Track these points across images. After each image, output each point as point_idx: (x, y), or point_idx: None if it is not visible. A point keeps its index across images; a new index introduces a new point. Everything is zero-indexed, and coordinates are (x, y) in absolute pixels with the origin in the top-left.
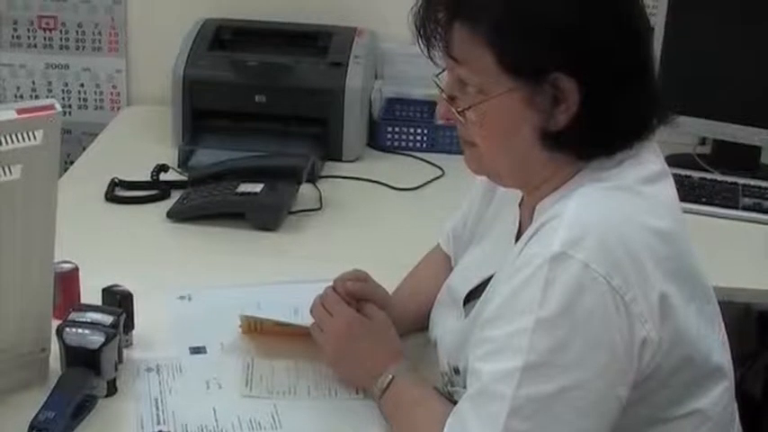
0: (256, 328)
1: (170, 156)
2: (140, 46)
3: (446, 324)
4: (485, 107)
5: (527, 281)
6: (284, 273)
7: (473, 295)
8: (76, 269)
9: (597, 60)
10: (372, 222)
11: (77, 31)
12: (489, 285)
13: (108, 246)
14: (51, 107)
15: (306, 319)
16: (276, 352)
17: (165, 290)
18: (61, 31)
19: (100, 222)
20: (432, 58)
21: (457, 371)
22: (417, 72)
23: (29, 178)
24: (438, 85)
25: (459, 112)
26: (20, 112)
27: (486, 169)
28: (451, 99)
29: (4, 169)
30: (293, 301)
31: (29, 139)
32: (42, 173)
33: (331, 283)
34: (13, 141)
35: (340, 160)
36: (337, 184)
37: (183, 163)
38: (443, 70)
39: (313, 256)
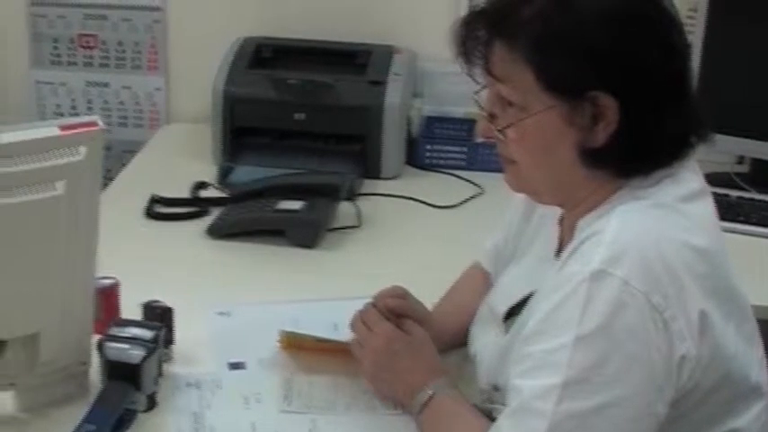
0: (296, 344)
1: (209, 173)
2: (180, 64)
3: (486, 340)
4: (525, 125)
5: (567, 298)
6: (323, 290)
7: (513, 312)
8: (117, 284)
9: (636, 78)
10: (411, 240)
11: (117, 50)
12: (529, 302)
13: (147, 261)
14: (94, 123)
15: (345, 336)
16: (315, 367)
17: (204, 305)
18: (101, 50)
19: (139, 238)
20: (472, 76)
21: (496, 388)
22: (456, 90)
23: (72, 194)
24: (478, 103)
25: (499, 130)
26: (63, 128)
27: (525, 187)
28: (491, 117)
29: (47, 185)
30: (332, 318)
31: (72, 155)
32: (85, 188)
33: (370, 300)
34: (56, 157)
35: (379, 178)
36: (376, 201)
37: (223, 180)
38: (483, 88)
39: (352, 273)
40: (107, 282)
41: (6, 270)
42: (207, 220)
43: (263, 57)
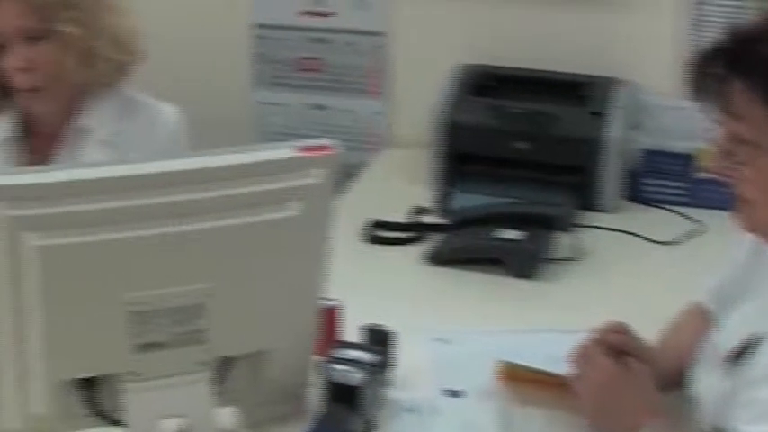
0: (514, 375)
1: (427, 198)
2: (401, 89)
3: (709, 382)
4: (762, 163)
5: None
6: (540, 321)
7: (739, 354)
8: (339, 307)
9: None
10: (629, 274)
11: (339, 73)
12: (757, 345)
13: (365, 284)
14: (328, 147)
15: (564, 369)
16: (533, 400)
17: (422, 331)
18: (324, 73)
19: (358, 261)
20: (704, 113)
21: (719, 431)
22: (678, 125)
23: (305, 215)
24: (708, 139)
25: (733, 168)
26: (298, 150)
27: (759, 226)
28: (725, 154)
29: (281, 205)
30: (551, 350)
31: (306, 177)
32: (318, 210)
33: (590, 334)
34: (290, 179)
35: (597, 210)
36: (594, 234)
37: (441, 206)
38: (715, 124)
39: (569, 305)
40: (329, 303)
41: (237, 288)
42: (424, 246)
43: (484, 84)
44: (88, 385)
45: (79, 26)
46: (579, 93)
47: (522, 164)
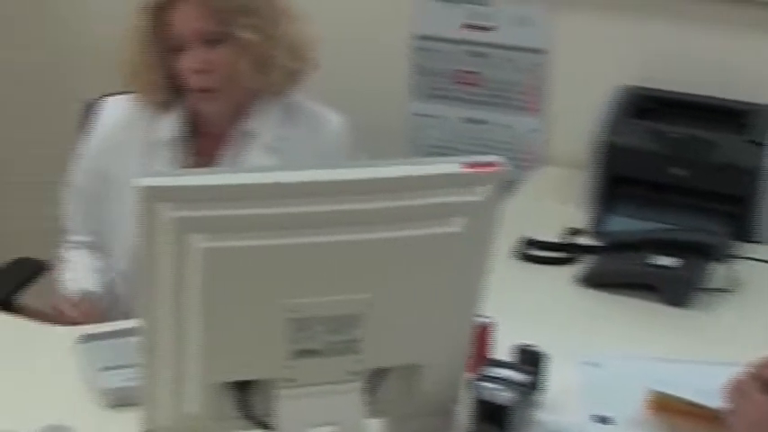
0: (665, 406)
1: (581, 219)
2: (559, 107)
3: None
4: None
5: None
6: (693, 351)
7: None
8: (491, 324)
9: None
10: None
11: (498, 88)
12: None
13: (516, 303)
14: (496, 164)
15: (716, 403)
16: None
17: (572, 353)
18: (482, 87)
19: (509, 279)
20: None
21: None
22: None
23: (468, 232)
24: None
25: None
26: (464, 166)
27: None
28: None
29: (443, 220)
30: (703, 382)
31: (472, 193)
32: (481, 228)
33: (746, 368)
34: (455, 194)
35: (753, 242)
36: (750, 266)
37: (595, 228)
38: None
39: (724, 337)
40: (482, 321)
41: (395, 300)
42: (575, 267)
43: (644, 107)
44: (242, 388)
45: (257, 33)
46: (741, 120)
47: (678, 190)
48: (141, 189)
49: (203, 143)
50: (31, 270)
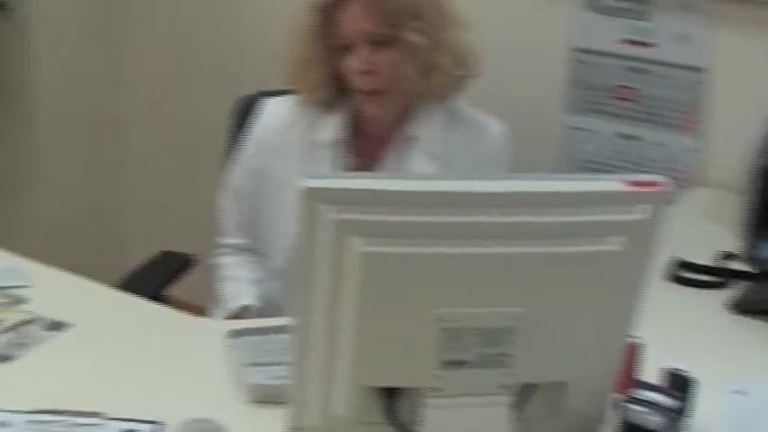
0: None
1: (733, 243)
2: (717, 128)
3: None
4: None
5: None
6: None
7: None
8: (640, 345)
9: None
10: None
11: (655, 105)
12: None
13: (665, 325)
14: (659, 183)
15: None
16: None
17: (719, 381)
18: (638, 103)
19: (659, 300)
20: None
21: None
22: None
23: (627, 251)
24: None
25: None
26: (627, 184)
27: None
28: None
29: (601, 238)
30: None
31: (633, 212)
32: (641, 247)
33: None
34: (616, 212)
35: None
36: None
37: (748, 254)
38: None
39: None
40: (631, 341)
41: (548, 315)
42: (728, 292)
43: None
44: (389, 395)
45: (424, 37)
46: None
47: None
48: (304, 190)
49: (365, 145)
50: (177, 264)
